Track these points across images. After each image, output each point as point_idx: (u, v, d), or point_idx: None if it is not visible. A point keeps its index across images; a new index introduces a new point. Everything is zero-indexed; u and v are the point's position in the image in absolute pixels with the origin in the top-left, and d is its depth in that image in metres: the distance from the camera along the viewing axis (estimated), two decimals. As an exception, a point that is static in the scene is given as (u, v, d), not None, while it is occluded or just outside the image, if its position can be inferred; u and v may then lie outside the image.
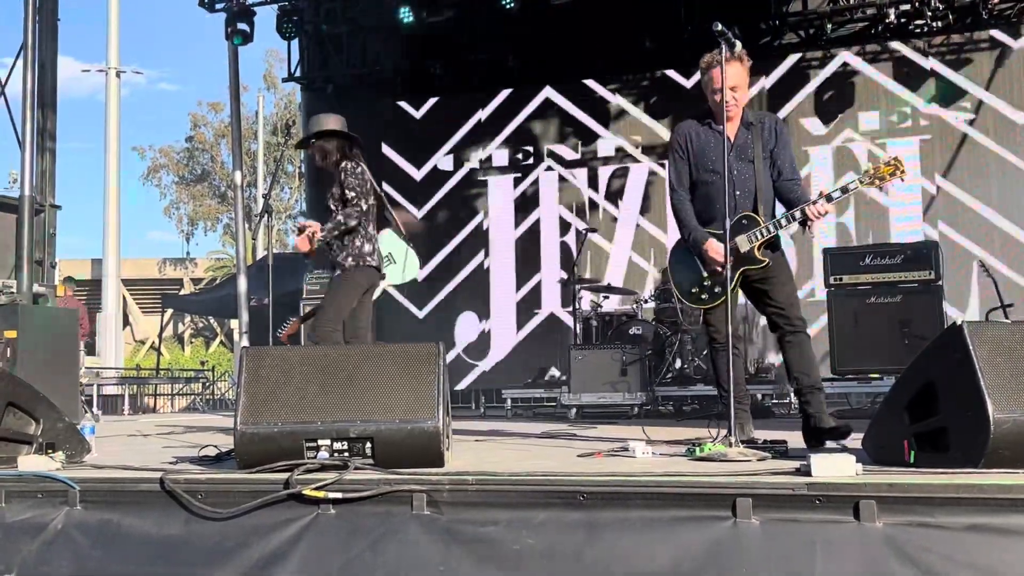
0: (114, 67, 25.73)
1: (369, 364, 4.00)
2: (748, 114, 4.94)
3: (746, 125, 4.88)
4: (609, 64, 12.60)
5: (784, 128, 5.01)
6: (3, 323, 8.64)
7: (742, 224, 4.75)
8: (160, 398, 18.18)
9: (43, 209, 9.73)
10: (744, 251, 4.73)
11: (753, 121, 4.90)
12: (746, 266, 4.76)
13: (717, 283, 4.79)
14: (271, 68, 36.58)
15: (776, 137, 4.89)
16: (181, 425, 8.80)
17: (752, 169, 4.81)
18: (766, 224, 4.74)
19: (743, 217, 4.76)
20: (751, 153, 4.82)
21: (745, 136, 4.86)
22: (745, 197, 4.80)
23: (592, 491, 3.39)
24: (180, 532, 3.67)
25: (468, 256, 13.04)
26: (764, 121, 4.93)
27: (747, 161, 4.82)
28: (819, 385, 4.78)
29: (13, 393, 4.40)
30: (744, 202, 4.80)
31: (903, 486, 3.13)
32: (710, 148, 4.85)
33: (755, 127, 4.87)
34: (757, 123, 4.89)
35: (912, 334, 7.85)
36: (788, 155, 4.92)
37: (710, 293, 4.87)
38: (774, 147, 4.88)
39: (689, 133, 4.94)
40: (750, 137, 4.85)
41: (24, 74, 9.29)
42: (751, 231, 4.74)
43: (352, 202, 5.94)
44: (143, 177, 40.14)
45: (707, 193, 4.88)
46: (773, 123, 4.95)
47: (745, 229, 4.75)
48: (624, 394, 9.03)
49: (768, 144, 4.88)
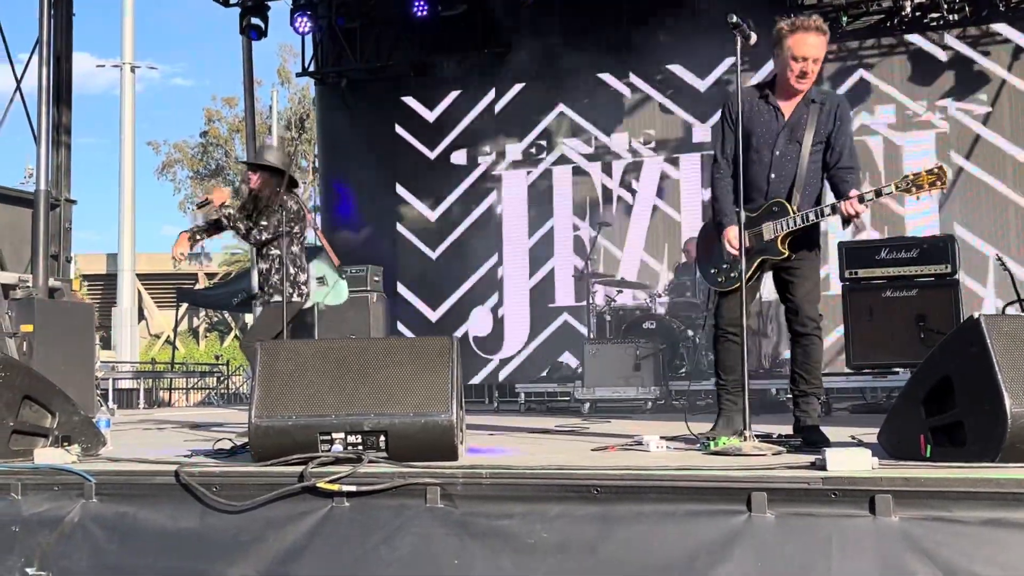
0: (129, 62, 25.85)
1: (383, 357, 4.00)
2: (813, 91, 4.59)
3: (807, 102, 4.56)
4: (622, 57, 12.56)
5: (848, 111, 4.65)
6: (20, 317, 8.69)
7: (772, 211, 4.52)
8: (175, 392, 18.26)
9: (59, 204, 9.77)
10: (767, 239, 4.52)
11: (816, 99, 4.57)
12: (766, 256, 4.56)
13: (736, 268, 4.52)
14: (285, 63, 36.57)
15: (836, 120, 4.54)
16: (196, 419, 8.84)
17: (798, 152, 4.54)
18: (795, 215, 4.49)
19: (775, 203, 4.53)
20: (801, 134, 4.53)
21: (801, 114, 4.55)
22: (782, 182, 4.56)
23: (606, 485, 3.39)
24: (195, 525, 3.69)
25: (481, 250, 13.03)
26: (827, 102, 4.58)
27: (794, 142, 4.54)
28: (814, 391, 4.58)
29: (29, 386, 4.42)
30: (779, 187, 4.56)
31: (919, 480, 3.12)
32: (761, 123, 4.57)
33: (815, 106, 4.55)
34: (819, 102, 4.56)
35: (928, 328, 7.80)
36: (848, 140, 4.57)
37: (726, 277, 4.70)
38: (832, 131, 4.55)
39: (743, 102, 4.53)
40: (806, 116, 4.54)
41: (40, 69, 9.32)
42: (779, 220, 4.50)
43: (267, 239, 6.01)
44: (158, 172, 40.25)
45: (747, 171, 4.55)
46: (836, 105, 4.59)
47: (774, 217, 4.51)
48: (638, 388, 9.02)
49: (826, 127, 4.55)
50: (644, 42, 12.20)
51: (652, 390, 8.98)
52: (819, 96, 4.62)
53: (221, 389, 18.81)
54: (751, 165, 4.58)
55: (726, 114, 4.68)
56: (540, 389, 10.80)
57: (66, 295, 9.50)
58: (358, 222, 13.49)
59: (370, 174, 13.21)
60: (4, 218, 9.54)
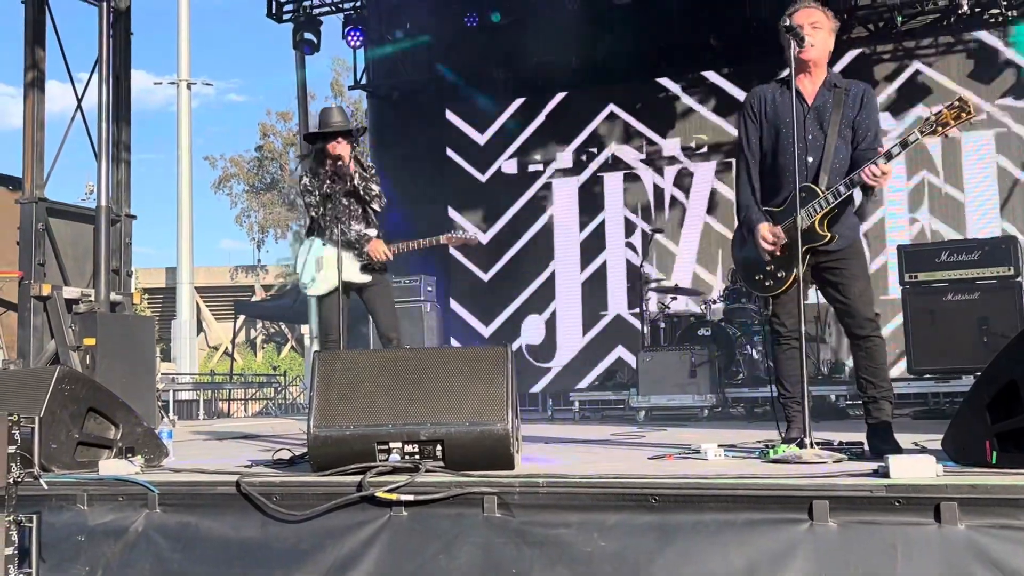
0: (185, 79, 26.33)
1: (438, 367, 4.02)
2: (834, 76, 4.53)
3: (828, 87, 4.47)
4: (673, 62, 12.50)
5: (874, 98, 4.53)
6: (83, 331, 8.87)
7: (801, 197, 4.30)
8: (234, 403, 18.50)
9: (119, 219, 9.95)
10: (804, 228, 4.28)
11: (839, 84, 4.49)
12: (811, 243, 4.33)
13: (781, 267, 4.40)
14: (338, 76, 36.95)
15: (861, 105, 4.44)
16: (255, 429, 8.94)
17: (824, 137, 4.41)
18: (826, 193, 4.32)
19: (802, 189, 4.30)
20: (826, 119, 4.42)
21: (826, 99, 4.45)
22: (809, 167, 4.41)
23: (664, 494, 3.36)
24: (256, 534, 3.73)
25: (533, 258, 13.02)
26: (851, 88, 4.49)
27: (820, 127, 4.43)
28: (885, 395, 4.40)
29: (94, 399, 4.51)
30: (809, 172, 4.41)
31: (986, 487, 3.05)
32: (784, 111, 4.43)
33: (839, 91, 4.46)
34: (842, 87, 4.48)
35: (991, 332, 7.65)
36: (873, 124, 4.46)
37: (774, 279, 4.47)
38: (857, 115, 4.44)
39: (764, 95, 4.53)
40: (831, 100, 4.44)
41: (99, 88, 9.51)
42: (809, 204, 4.32)
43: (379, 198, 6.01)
44: (214, 186, 40.90)
45: (777, 162, 4.48)
46: (861, 91, 4.49)
47: (803, 203, 4.30)
48: (694, 396, 8.95)
49: (851, 112, 4.44)
50: (695, 46, 12.13)
51: (708, 397, 8.90)
52: (841, 82, 4.54)
53: (279, 399, 19.04)
54: (783, 155, 4.43)
55: (748, 107, 4.61)
56: (595, 397, 10.76)
57: (127, 309, 9.67)
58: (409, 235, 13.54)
59: (421, 188, 13.26)
60: (66, 234, 9.74)
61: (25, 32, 9.82)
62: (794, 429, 4.48)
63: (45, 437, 4.17)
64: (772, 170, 4.54)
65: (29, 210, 9.38)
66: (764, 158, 4.57)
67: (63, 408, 4.31)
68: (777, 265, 4.45)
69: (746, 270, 4.69)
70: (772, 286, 4.51)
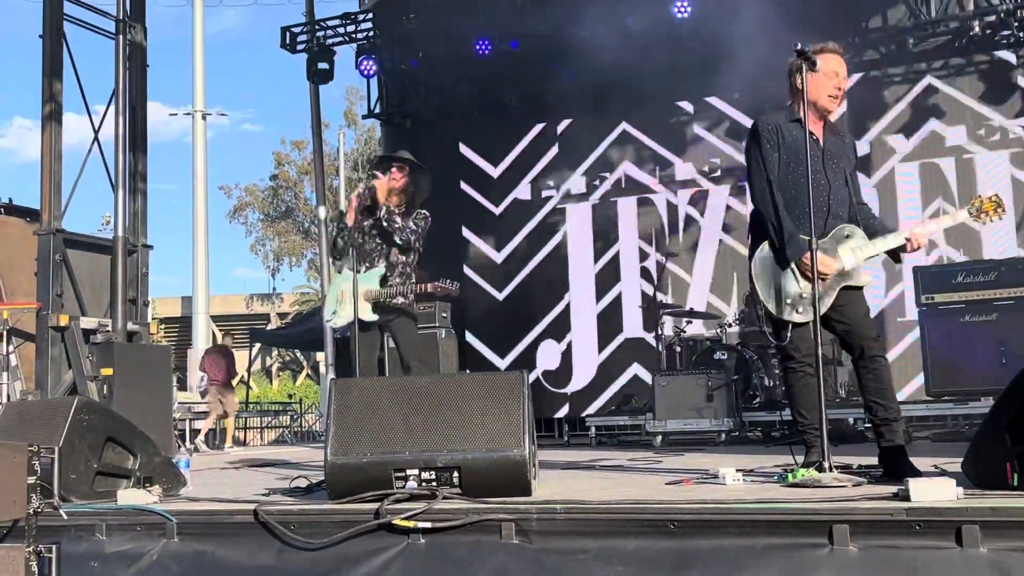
0: (200, 110, 26.61)
1: (454, 393, 4.02)
2: (834, 122, 4.60)
3: (832, 131, 4.51)
4: (685, 88, 12.53)
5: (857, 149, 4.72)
6: (100, 361, 8.93)
7: (845, 236, 4.33)
8: (250, 431, 18.51)
9: (136, 249, 10.03)
10: (848, 268, 4.32)
11: (839, 131, 4.59)
12: (849, 283, 4.36)
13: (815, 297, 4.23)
14: (351, 105, 37.28)
15: (856, 157, 4.63)
16: (271, 457, 8.94)
17: (844, 179, 4.46)
18: (873, 241, 4.36)
19: (845, 228, 4.35)
20: (841, 163, 4.48)
21: (835, 143, 4.49)
22: (840, 207, 4.43)
23: (683, 519, 3.35)
24: (274, 562, 3.73)
25: (548, 285, 13.01)
26: (845, 136, 4.62)
27: (839, 170, 4.46)
28: (896, 416, 4.35)
29: (112, 428, 4.54)
30: (840, 212, 4.43)
31: (1008, 510, 3.02)
32: (800, 145, 4.33)
33: (840, 138, 4.56)
34: (841, 135, 4.59)
35: (1010, 352, 7.59)
36: (857, 178, 4.63)
37: (806, 307, 4.31)
38: (853, 168, 4.57)
39: (779, 124, 4.46)
40: (838, 145, 4.49)
41: (116, 119, 9.63)
42: (856, 246, 4.35)
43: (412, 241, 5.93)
44: (230, 215, 41.18)
45: (793, 195, 4.41)
46: (852, 142, 4.65)
47: (848, 242, 4.33)
48: (711, 420, 8.89)
49: (851, 163, 4.55)
50: (706, 71, 12.16)
51: (725, 422, 8.84)
52: (839, 129, 4.63)
53: (294, 427, 19.04)
54: (806, 188, 4.30)
55: (766, 132, 4.49)
56: (611, 422, 10.72)
57: (144, 338, 9.72)
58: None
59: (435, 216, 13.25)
60: (84, 265, 9.82)
61: (43, 65, 9.95)
62: (813, 453, 4.42)
63: (64, 467, 4.19)
64: (794, 201, 4.43)
65: (47, 241, 9.48)
66: (783, 187, 4.47)
67: (81, 438, 4.34)
68: (811, 295, 4.28)
69: (775, 295, 4.51)
70: (801, 313, 4.39)
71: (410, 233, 5.89)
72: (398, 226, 5.85)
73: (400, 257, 5.95)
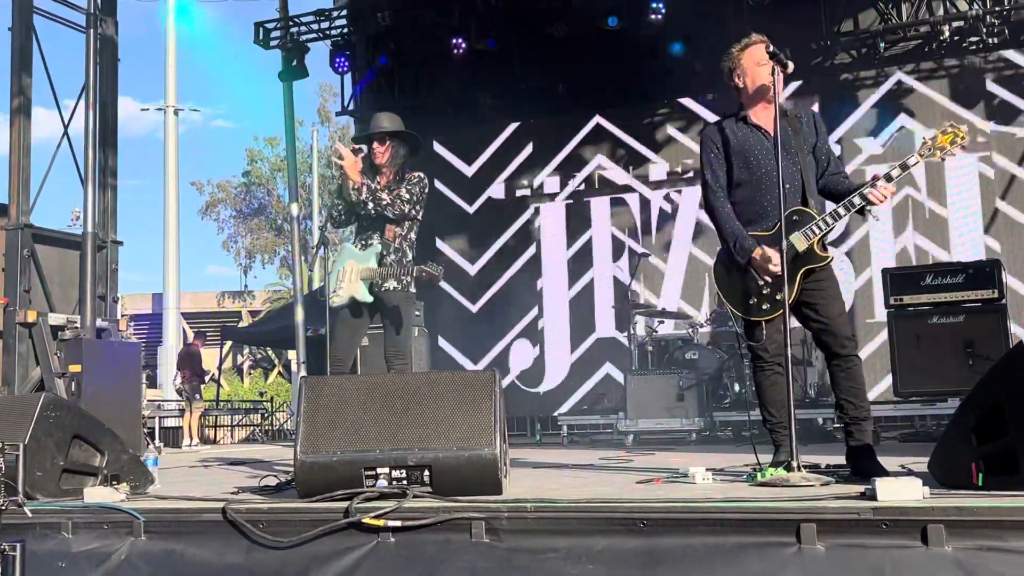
0: (172, 105, 26.37)
1: (426, 392, 4.01)
2: (785, 104, 4.60)
3: (783, 115, 4.45)
4: (659, 88, 12.59)
5: (821, 120, 4.69)
6: (68, 357, 8.84)
7: (793, 220, 4.34)
8: (220, 429, 18.39)
9: (105, 245, 9.94)
10: (802, 250, 4.34)
11: (790, 112, 4.58)
12: (809, 265, 4.37)
13: (778, 290, 4.32)
14: (325, 102, 37.11)
15: (817, 132, 4.60)
16: (241, 455, 8.89)
17: (795, 162, 4.48)
18: (822, 217, 4.38)
19: (793, 213, 4.36)
20: (793, 145, 4.50)
21: (784, 128, 4.46)
22: (792, 192, 4.45)
23: (653, 517, 3.36)
24: (242, 561, 3.71)
25: (522, 283, 13.04)
26: (802, 114, 4.61)
27: (789, 155, 4.46)
28: (867, 415, 4.40)
29: (79, 426, 4.49)
30: (792, 198, 4.44)
31: (972, 509, 3.06)
32: (749, 144, 4.50)
33: (793, 119, 4.55)
34: (795, 115, 4.58)
35: (976, 354, 7.67)
36: (830, 150, 4.62)
37: (771, 301, 4.39)
38: (816, 142, 4.57)
39: (724, 128, 4.58)
40: (789, 129, 4.53)
41: (86, 114, 9.54)
42: (806, 227, 4.35)
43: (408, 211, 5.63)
44: (201, 211, 40.87)
45: (748, 193, 4.51)
46: (811, 117, 4.64)
47: (798, 226, 4.35)
48: (682, 420, 8.94)
49: (809, 139, 4.56)
50: (681, 73, 12.23)
51: (696, 421, 8.90)
52: (792, 110, 4.63)
53: (265, 425, 18.93)
54: (758, 185, 4.48)
55: (709, 143, 4.62)
56: (583, 421, 10.76)
57: (113, 335, 9.64)
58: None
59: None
60: (52, 260, 9.72)
61: (12, 59, 9.83)
62: (782, 452, 4.45)
63: (30, 465, 4.14)
64: (751, 199, 4.52)
65: (15, 236, 9.37)
66: (738, 188, 4.56)
67: (48, 435, 4.29)
68: (773, 288, 4.40)
69: (739, 296, 4.58)
70: (769, 309, 4.44)
71: (403, 203, 5.57)
72: (387, 203, 5.55)
73: (395, 230, 5.67)
